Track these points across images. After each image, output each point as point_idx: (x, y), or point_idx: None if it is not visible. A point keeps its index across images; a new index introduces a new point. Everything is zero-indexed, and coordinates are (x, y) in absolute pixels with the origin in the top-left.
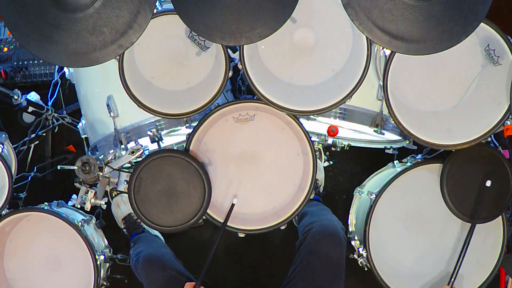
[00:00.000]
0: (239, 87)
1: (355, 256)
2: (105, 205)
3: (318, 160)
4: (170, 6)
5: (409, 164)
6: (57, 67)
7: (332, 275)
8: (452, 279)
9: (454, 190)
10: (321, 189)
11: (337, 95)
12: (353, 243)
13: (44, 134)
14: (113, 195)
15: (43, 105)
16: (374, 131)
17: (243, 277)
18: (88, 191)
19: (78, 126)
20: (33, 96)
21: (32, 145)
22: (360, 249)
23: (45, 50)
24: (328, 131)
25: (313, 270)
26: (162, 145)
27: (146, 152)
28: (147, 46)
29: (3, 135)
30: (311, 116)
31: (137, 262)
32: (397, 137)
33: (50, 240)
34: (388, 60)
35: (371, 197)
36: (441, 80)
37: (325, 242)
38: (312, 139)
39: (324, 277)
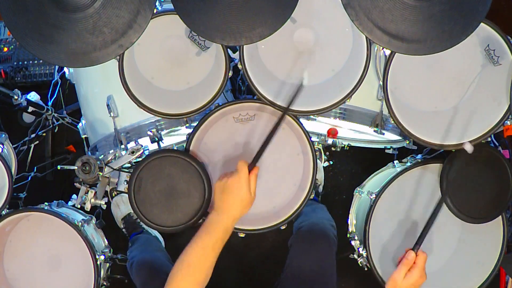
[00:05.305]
0: (239, 87)
1: (355, 256)
2: (105, 205)
3: (318, 160)
4: (170, 6)
5: (409, 164)
6: (57, 67)
7: (321, 276)
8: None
9: (454, 190)
10: (321, 188)
11: (337, 95)
12: (353, 243)
13: (44, 134)
14: (113, 195)
15: (43, 105)
16: (374, 131)
17: (243, 277)
18: (88, 191)
19: (78, 126)
20: (33, 96)
21: (32, 145)
22: (360, 249)
23: (45, 50)
24: (328, 133)
25: (301, 271)
26: (162, 145)
27: (146, 152)
28: (147, 46)
29: (3, 135)
30: (311, 116)
31: (131, 267)
32: (397, 137)
33: (50, 240)
34: (388, 60)
35: (371, 197)
36: (441, 80)
37: (313, 243)
38: (312, 139)
39: (314, 278)
